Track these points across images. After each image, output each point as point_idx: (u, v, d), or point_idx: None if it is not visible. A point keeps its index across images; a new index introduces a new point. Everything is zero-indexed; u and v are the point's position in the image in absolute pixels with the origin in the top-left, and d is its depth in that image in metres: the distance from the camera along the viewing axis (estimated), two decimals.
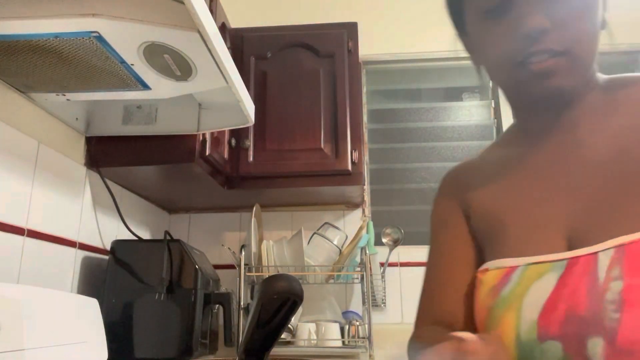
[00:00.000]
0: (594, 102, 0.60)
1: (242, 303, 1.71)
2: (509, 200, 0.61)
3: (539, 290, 0.52)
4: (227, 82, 1.10)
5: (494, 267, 0.58)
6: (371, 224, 1.98)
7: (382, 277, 1.96)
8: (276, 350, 1.59)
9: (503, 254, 0.58)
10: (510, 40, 0.57)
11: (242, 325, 1.68)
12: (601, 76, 0.63)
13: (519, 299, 0.53)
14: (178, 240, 1.45)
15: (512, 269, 0.56)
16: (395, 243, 1.99)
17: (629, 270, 0.46)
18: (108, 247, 1.47)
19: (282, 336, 1.66)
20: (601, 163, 0.55)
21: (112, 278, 1.42)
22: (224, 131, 1.70)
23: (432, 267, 0.70)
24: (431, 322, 0.66)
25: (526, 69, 0.56)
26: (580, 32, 0.56)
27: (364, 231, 1.86)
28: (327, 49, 1.87)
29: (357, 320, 1.80)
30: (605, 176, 0.54)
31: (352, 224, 2.05)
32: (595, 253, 0.49)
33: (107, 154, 1.48)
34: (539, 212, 0.57)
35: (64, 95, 1.20)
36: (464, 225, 0.67)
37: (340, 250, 1.84)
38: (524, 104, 0.64)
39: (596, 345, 0.46)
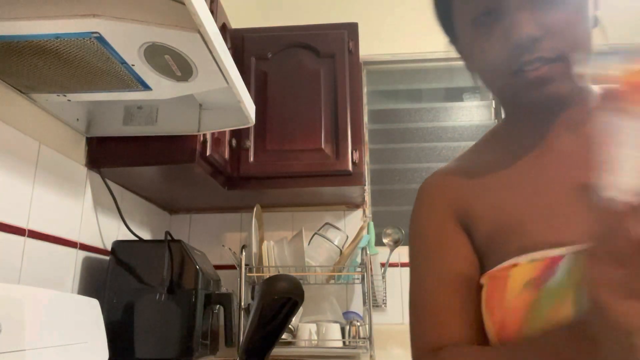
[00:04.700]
0: (584, 106, 0.61)
1: (242, 303, 1.71)
2: (519, 198, 0.59)
3: None
4: (227, 82, 1.10)
5: (527, 260, 0.53)
6: (372, 224, 1.98)
7: (383, 277, 1.96)
8: (277, 351, 1.59)
9: (529, 248, 0.53)
10: (501, 50, 0.57)
11: (243, 325, 1.68)
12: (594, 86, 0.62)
13: (574, 289, 0.49)
14: (179, 241, 1.45)
15: (556, 259, 0.51)
16: (396, 243, 1.99)
17: None
18: (109, 248, 1.47)
19: (283, 336, 1.66)
20: None
21: (113, 278, 1.42)
22: (224, 132, 1.71)
23: (432, 291, 0.62)
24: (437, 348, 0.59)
25: (522, 77, 0.56)
26: (573, 37, 0.55)
27: (364, 232, 1.86)
28: (327, 50, 1.87)
29: (357, 321, 1.80)
30: None
31: (353, 224, 2.05)
32: None
33: (107, 155, 1.48)
34: (558, 207, 0.56)
35: (65, 96, 1.20)
36: (464, 239, 0.62)
37: (341, 251, 1.84)
38: (520, 109, 0.64)
39: None
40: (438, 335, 0.60)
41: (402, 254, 2.01)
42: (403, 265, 2.02)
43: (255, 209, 1.87)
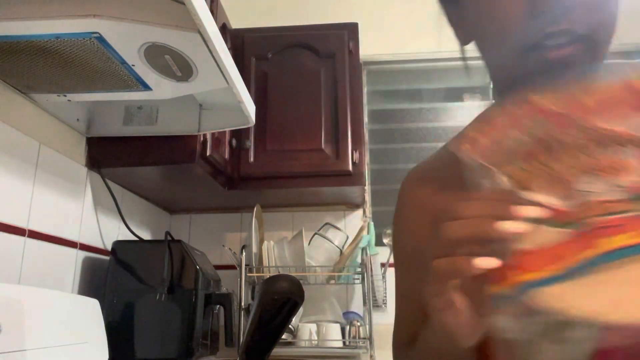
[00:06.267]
0: None
1: (242, 303, 1.71)
2: None
3: None
4: (227, 82, 1.10)
5: None
6: (372, 224, 1.98)
7: (383, 277, 1.95)
8: (277, 351, 1.59)
9: None
10: (522, 16, 0.44)
11: (243, 325, 1.68)
12: None
13: None
14: (179, 241, 1.45)
15: None
16: None
17: None
18: (109, 248, 1.47)
19: (283, 337, 1.66)
20: None
21: (113, 278, 1.42)
22: (224, 132, 1.71)
23: (406, 296, 0.63)
24: None
25: (539, 56, 0.44)
26: (606, 14, 0.45)
27: (364, 232, 1.86)
28: (327, 50, 1.87)
29: (358, 321, 1.80)
30: None
31: (353, 224, 2.05)
32: None
33: (108, 155, 1.48)
34: None
35: (65, 96, 1.20)
36: None
37: (341, 251, 1.84)
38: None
39: None
40: (407, 334, 0.60)
41: None
42: None
43: (255, 209, 1.87)
